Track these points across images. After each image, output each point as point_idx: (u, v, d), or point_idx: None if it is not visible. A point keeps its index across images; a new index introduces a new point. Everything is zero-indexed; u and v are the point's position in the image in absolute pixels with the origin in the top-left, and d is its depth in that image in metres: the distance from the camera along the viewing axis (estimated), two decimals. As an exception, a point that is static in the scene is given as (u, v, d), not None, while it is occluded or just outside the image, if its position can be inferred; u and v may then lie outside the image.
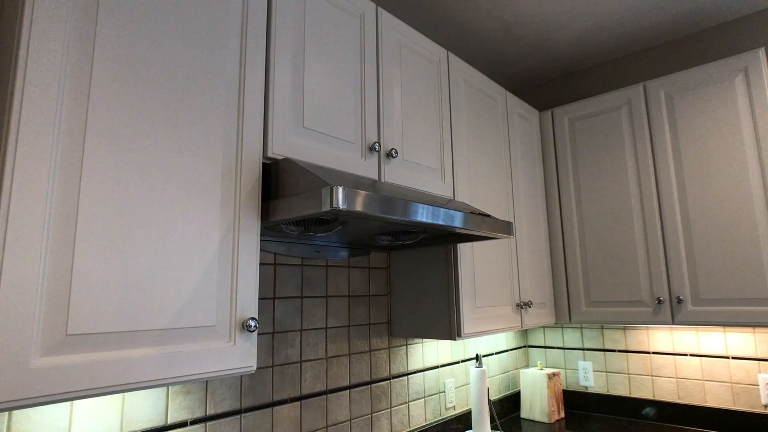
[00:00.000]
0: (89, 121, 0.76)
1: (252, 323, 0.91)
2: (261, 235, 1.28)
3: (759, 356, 1.87)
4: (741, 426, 1.87)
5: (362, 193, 0.89)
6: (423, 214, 1.05)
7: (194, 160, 0.89)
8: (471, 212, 1.24)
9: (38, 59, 0.72)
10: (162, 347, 0.80)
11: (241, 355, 0.91)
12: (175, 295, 0.83)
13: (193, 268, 0.86)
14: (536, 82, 2.65)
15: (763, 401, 1.84)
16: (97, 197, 0.76)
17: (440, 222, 1.09)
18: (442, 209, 1.11)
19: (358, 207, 0.88)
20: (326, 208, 0.85)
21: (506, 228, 1.35)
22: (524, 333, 2.53)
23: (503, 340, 2.34)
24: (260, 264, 1.34)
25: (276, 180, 1.01)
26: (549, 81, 2.63)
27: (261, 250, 1.33)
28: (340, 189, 0.85)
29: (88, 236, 0.74)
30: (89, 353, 0.72)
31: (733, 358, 1.93)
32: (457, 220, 1.15)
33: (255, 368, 0.93)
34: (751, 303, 1.68)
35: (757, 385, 1.87)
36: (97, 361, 0.72)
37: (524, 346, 2.51)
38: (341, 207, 0.84)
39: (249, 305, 0.93)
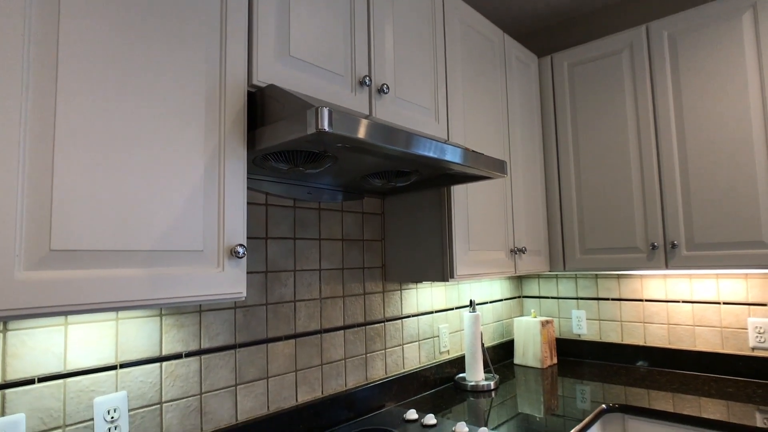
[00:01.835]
0: (61, 41, 0.73)
1: (240, 250, 0.91)
2: (251, 173, 1.27)
3: (750, 301, 1.90)
4: (728, 368, 1.92)
5: (349, 115, 0.87)
6: (417, 145, 1.03)
7: (174, 85, 0.87)
8: (466, 149, 1.22)
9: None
10: (149, 269, 0.81)
11: (231, 281, 0.91)
12: (161, 217, 0.83)
13: (178, 192, 0.85)
14: (536, 27, 2.57)
15: (751, 344, 1.88)
16: (75, 115, 0.74)
17: (434, 155, 1.08)
18: (436, 142, 1.09)
19: (345, 131, 0.86)
20: (311, 130, 0.83)
21: (500, 166, 1.33)
22: (519, 283, 2.56)
23: (498, 289, 2.37)
24: (251, 204, 1.33)
25: (262, 108, 0.99)
26: (549, 27, 2.54)
27: (252, 189, 1.33)
28: (326, 110, 0.83)
29: (66, 154, 0.72)
30: (74, 270, 0.72)
31: (724, 303, 1.95)
32: (449, 154, 1.13)
33: (245, 295, 0.94)
34: (744, 246, 1.68)
35: (746, 329, 1.90)
36: (83, 277, 0.72)
37: (519, 297, 2.54)
38: (326, 129, 0.82)
39: (237, 232, 0.93)
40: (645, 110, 1.92)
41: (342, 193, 1.57)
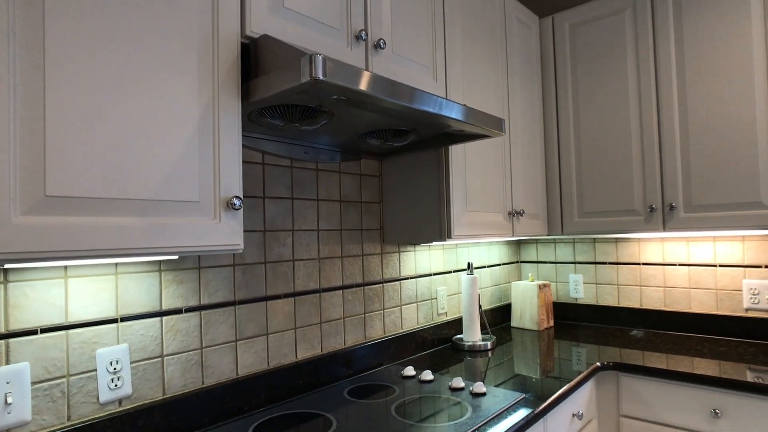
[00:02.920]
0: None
1: (236, 202, 0.91)
2: (247, 131, 1.26)
3: (746, 263, 1.91)
4: (721, 329, 1.95)
5: (344, 64, 0.86)
6: (414, 99, 1.02)
7: (166, 34, 0.85)
8: (465, 106, 1.21)
9: None
10: (146, 218, 0.81)
11: (228, 233, 0.92)
12: (155, 167, 0.82)
13: (173, 143, 0.85)
14: (539, -11, 2.50)
15: (745, 305, 1.90)
16: (65, 61, 0.73)
17: (433, 110, 1.07)
18: (435, 97, 1.08)
19: (340, 80, 0.85)
20: (305, 78, 0.82)
21: (498, 124, 1.32)
22: (517, 248, 2.57)
23: (496, 254, 2.38)
24: (248, 162, 1.33)
25: (255, 59, 0.97)
26: (553, -12, 2.48)
27: (248, 147, 1.32)
28: (320, 57, 0.81)
29: (58, 100, 0.72)
30: (70, 216, 0.73)
31: (721, 266, 1.97)
32: (448, 109, 1.12)
33: (242, 247, 0.94)
34: (742, 207, 1.68)
35: (741, 291, 1.92)
36: (79, 224, 0.73)
37: (517, 262, 2.56)
38: (320, 77, 0.81)
39: (232, 184, 0.93)
40: (647, 71, 1.89)
41: (340, 154, 1.56)
